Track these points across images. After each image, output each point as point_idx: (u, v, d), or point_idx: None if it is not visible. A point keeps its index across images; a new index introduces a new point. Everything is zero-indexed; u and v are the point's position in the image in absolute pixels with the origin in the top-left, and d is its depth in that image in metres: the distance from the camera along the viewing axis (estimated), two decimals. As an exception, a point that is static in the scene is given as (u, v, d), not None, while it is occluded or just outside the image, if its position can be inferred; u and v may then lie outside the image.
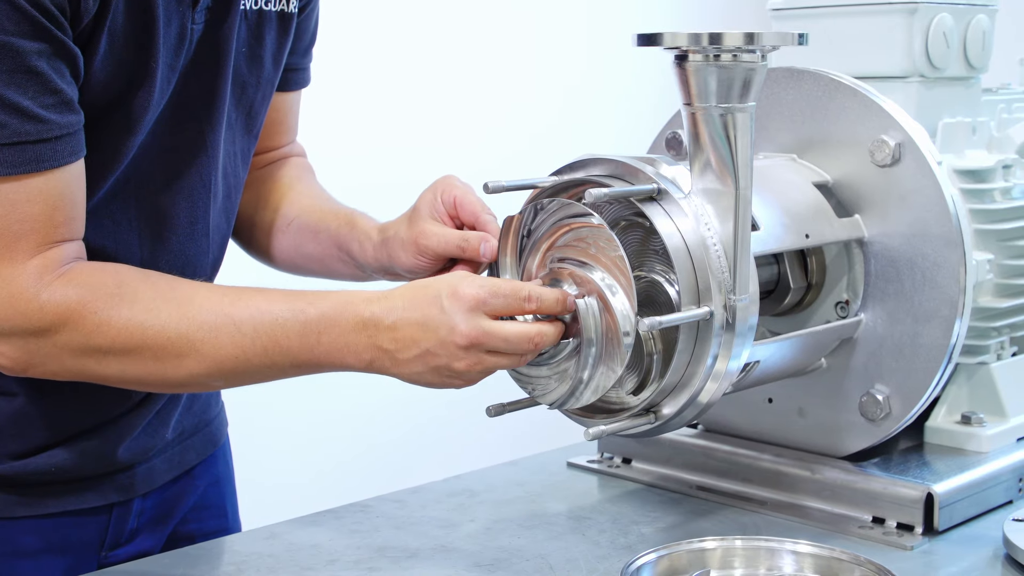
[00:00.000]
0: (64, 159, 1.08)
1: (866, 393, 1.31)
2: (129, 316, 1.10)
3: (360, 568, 1.18)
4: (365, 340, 1.10)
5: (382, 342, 1.10)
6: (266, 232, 1.41)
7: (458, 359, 1.09)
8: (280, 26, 1.28)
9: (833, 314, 1.33)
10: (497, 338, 1.08)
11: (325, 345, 1.11)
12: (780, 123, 1.36)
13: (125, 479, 1.29)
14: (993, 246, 1.38)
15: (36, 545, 1.24)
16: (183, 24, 1.16)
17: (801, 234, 1.27)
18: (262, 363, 1.12)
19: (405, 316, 1.09)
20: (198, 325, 1.11)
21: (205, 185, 1.23)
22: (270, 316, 1.11)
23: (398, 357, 1.10)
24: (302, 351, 1.11)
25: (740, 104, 1.12)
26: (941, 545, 1.24)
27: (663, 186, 1.14)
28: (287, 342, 1.11)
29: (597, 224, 1.11)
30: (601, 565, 1.18)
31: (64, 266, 1.10)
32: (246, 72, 1.26)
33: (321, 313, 1.11)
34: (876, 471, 1.31)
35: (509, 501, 1.36)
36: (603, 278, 1.11)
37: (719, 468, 1.39)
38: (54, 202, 1.09)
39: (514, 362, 1.11)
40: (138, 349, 1.11)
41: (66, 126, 1.08)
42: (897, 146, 1.29)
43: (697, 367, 1.14)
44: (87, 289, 1.10)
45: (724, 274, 1.13)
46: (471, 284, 1.09)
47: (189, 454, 1.37)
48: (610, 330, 1.10)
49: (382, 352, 1.10)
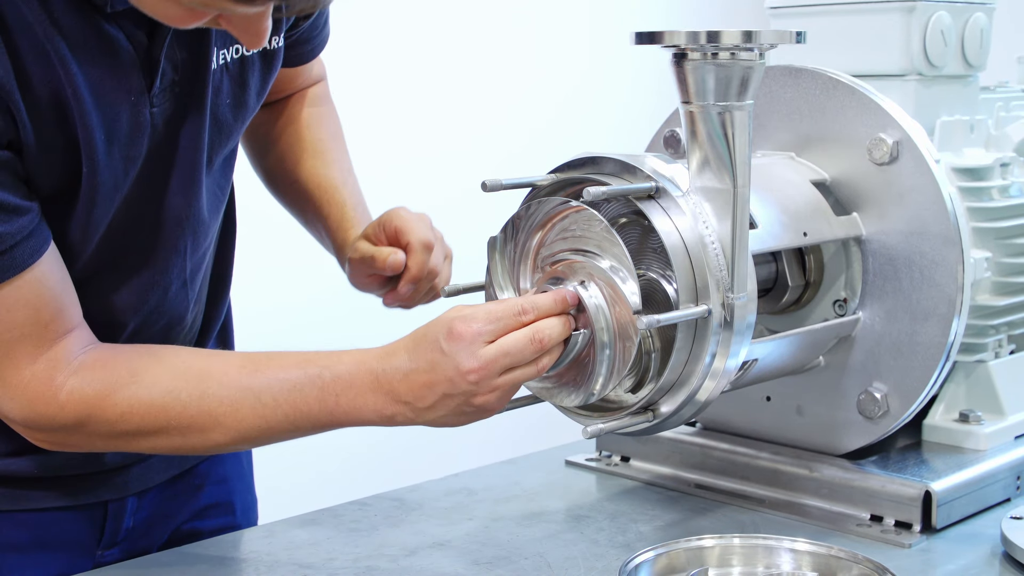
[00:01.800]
0: (25, 262, 1.07)
1: (864, 391, 1.31)
2: (149, 402, 1.12)
3: (358, 566, 1.18)
4: (383, 398, 1.11)
5: (400, 396, 1.11)
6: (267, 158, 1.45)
7: (474, 394, 1.09)
8: (264, 65, 1.25)
9: (831, 312, 1.34)
10: (502, 356, 1.08)
11: (344, 407, 1.12)
12: (778, 121, 1.36)
13: (118, 478, 1.29)
14: (991, 244, 1.38)
15: (25, 539, 1.24)
16: (137, 115, 1.12)
17: (799, 232, 1.27)
18: (285, 428, 1.14)
19: (413, 367, 1.10)
20: (218, 401, 1.12)
21: (180, 254, 1.23)
22: (288, 384, 1.12)
23: (418, 407, 1.11)
24: (322, 414, 1.13)
25: (738, 102, 1.12)
26: (939, 543, 1.24)
27: (661, 184, 1.14)
28: (307, 408, 1.12)
29: (577, 207, 1.12)
30: (599, 563, 1.18)
31: (73, 361, 1.11)
32: (231, 120, 1.24)
33: (336, 376, 1.12)
34: (874, 469, 1.31)
35: (507, 499, 1.36)
36: (596, 260, 1.11)
37: (717, 466, 1.39)
38: (34, 304, 1.09)
39: (531, 372, 1.10)
40: (164, 430, 1.13)
41: (17, 232, 1.06)
42: (895, 144, 1.29)
43: (695, 365, 1.14)
44: (101, 383, 1.12)
45: (722, 272, 1.13)
46: (465, 321, 1.09)
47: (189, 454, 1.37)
48: (617, 305, 1.10)
49: (402, 405, 1.11)
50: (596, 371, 1.12)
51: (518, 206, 1.18)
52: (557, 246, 1.14)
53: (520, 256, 1.17)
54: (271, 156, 1.46)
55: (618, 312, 1.10)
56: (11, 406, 1.12)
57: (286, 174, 1.44)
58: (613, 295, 1.10)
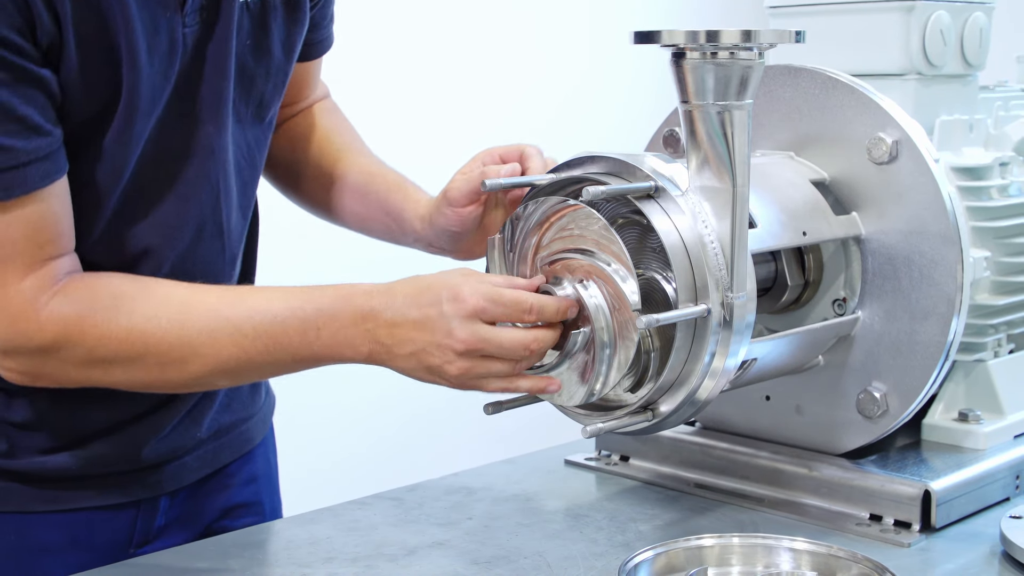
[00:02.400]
0: (36, 184, 1.08)
1: (863, 390, 1.31)
2: (129, 326, 1.11)
3: (358, 565, 1.18)
4: (363, 333, 1.11)
5: (380, 336, 1.10)
6: (302, 180, 1.44)
7: (452, 363, 1.09)
8: (287, 12, 1.27)
9: (830, 311, 1.34)
10: (492, 345, 1.09)
11: (324, 339, 1.11)
12: (777, 120, 1.36)
13: (152, 477, 1.29)
14: (990, 243, 1.38)
15: (59, 541, 1.24)
16: (172, 32, 1.15)
17: (798, 232, 1.27)
18: (264, 361, 1.13)
19: (404, 313, 1.10)
20: (198, 330, 1.12)
21: (213, 187, 1.23)
22: (269, 315, 1.12)
23: (394, 352, 1.11)
24: (302, 347, 1.12)
25: (737, 102, 1.12)
26: (938, 542, 1.24)
27: (660, 184, 1.14)
28: (287, 339, 1.12)
29: (575, 206, 1.12)
30: (599, 563, 1.18)
31: (56, 284, 1.11)
32: (252, 65, 1.24)
33: (318, 309, 1.12)
34: (873, 468, 1.31)
35: (506, 499, 1.36)
36: (595, 259, 1.11)
37: (717, 465, 1.39)
38: (35, 224, 1.09)
39: (508, 369, 1.10)
40: (141, 357, 1.12)
41: (33, 151, 1.07)
42: (894, 143, 1.29)
43: (694, 364, 1.14)
44: (83, 304, 1.11)
45: (721, 271, 1.13)
46: (473, 290, 1.09)
47: (223, 452, 1.37)
48: (617, 304, 1.10)
49: (379, 345, 1.11)
50: (597, 370, 1.12)
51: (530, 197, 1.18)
52: (556, 245, 1.14)
53: (519, 256, 1.17)
54: (305, 172, 1.45)
55: (618, 311, 1.10)
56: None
57: (323, 179, 1.44)
58: (613, 294, 1.10)
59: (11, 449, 1.22)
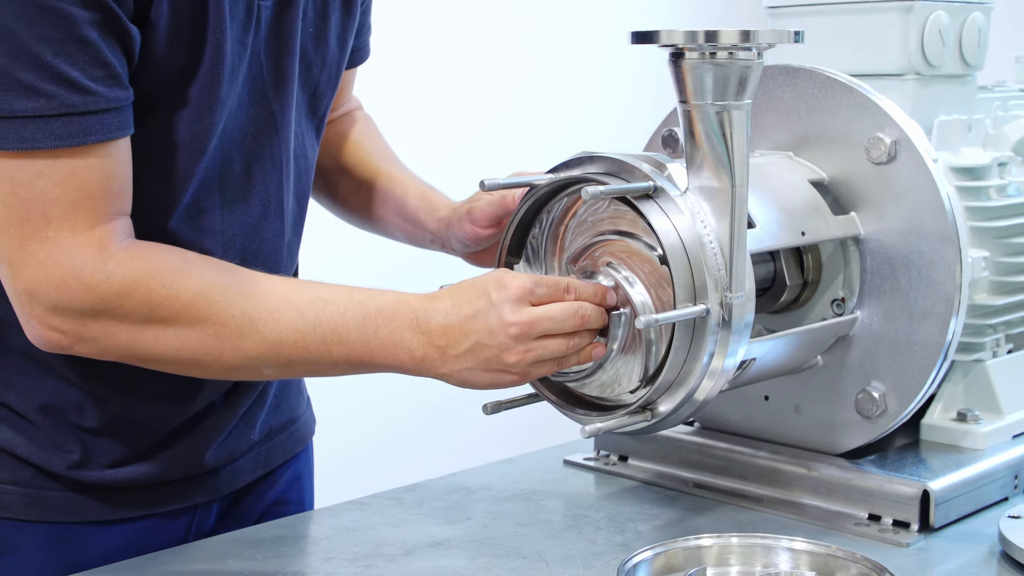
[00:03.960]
0: (111, 133, 1.08)
1: (862, 390, 1.32)
2: (197, 289, 1.10)
3: (357, 565, 1.18)
4: (419, 337, 1.12)
5: (435, 339, 1.11)
6: (333, 185, 1.47)
7: (508, 349, 1.10)
8: (344, 6, 1.29)
9: (829, 311, 1.34)
10: (545, 319, 1.10)
11: (382, 338, 1.12)
12: (776, 120, 1.36)
13: (209, 481, 1.30)
14: (989, 243, 1.38)
15: (120, 548, 1.24)
16: (250, 2, 1.17)
17: (797, 231, 1.27)
18: (318, 352, 1.12)
19: (456, 311, 1.11)
20: (262, 308, 1.12)
21: (277, 165, 1.24)
22: (332, 306, 1.13)
23: (449, 353, 1.11)
24: (359, 343, 1.12)
25: (736, 102, 1.12)
26: (937, 542, 1.24)
27: (659, 184, 1.14)
28: (346, 332, 1.12)
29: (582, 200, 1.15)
30: (597, 562, 1.18)
31: (124, 241, 1.10)
32: (312, 52, 1.26)
33: (380, 307, 1.13)
34: (872, 468, 1.31)
35: (506, 499, 1.36)
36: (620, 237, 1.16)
37: (715, 465, 1.39)
38: (108, 173, 1.09)
39: (563, 346, 1.11)
40: (201, 323, 1.11)
41: (114, 100, 1.08)
42: (893, 144, 1.29)
43: (693, 364, 1.14)
44: (153, 263, 1.11)
45: (720, 271, 1.13)
46: (515, 276, 1.11)
47: (276, 453, 1.38)
48: (653, 276, 1.15)
49: (434, 349, 1.12)
50: (647, 347, 1.14)
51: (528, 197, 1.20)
52: (579, 241, 1.18)
53: (546, 268, 1.22)
54: (334, 176, 1.47)
55: (656, 286, 1.14)
56: (44, 275, 1.08)
57: (353, 184, 1.46)
58: (647, 270, 1.14)
59: (84, 459, 1.22)
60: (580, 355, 1.14)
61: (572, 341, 1.12)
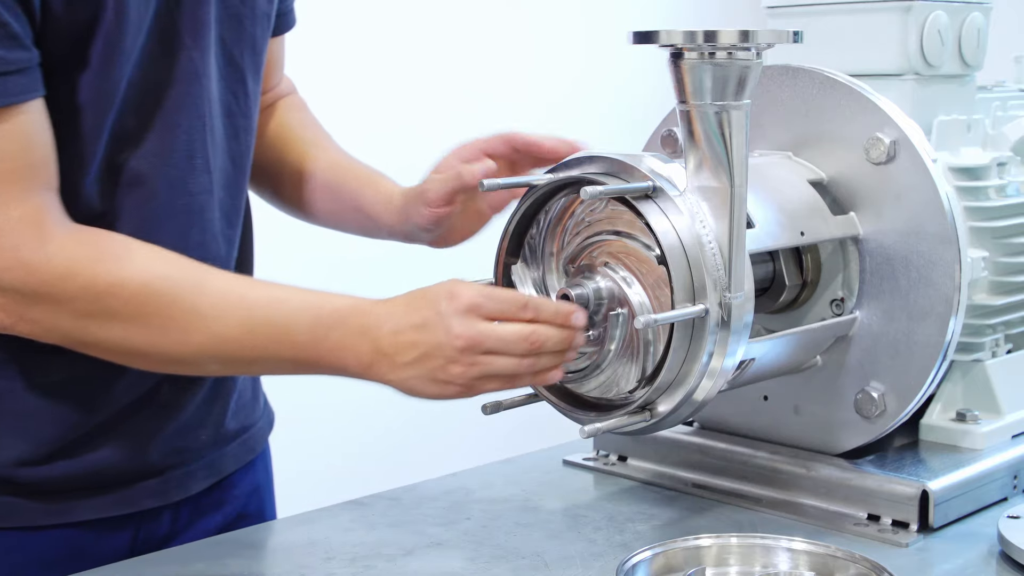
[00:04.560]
0: (16, 96, 1.04)
1: (861, 390, 1.31)
2: (143, 282, 1.08)
3: (356, 566, 1.18)
4: (368, 343, 1.10)
5: (383, 346, 1.10)
6: (271, 179, 1.41)
7: (454, 361, 1.08)
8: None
9: (828, 312, 1.34)
10: (492, 337, 1.08)
11: (332, 342, 1.10)
12: (775, 120, 1.36)
13: (159, 484, 1.26)
14: (988, 243, 1.38)
15: (63, 554, 1.20)
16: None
17: (796, 231, 1.27)
18: (265, 351, 1.11)
19: (405, 320, 1.10)
20: (211, 302, 1.10)
21: (200, 116, 1.19)
22: (283, 306, 1.11)
23: (396, 361, 1.10)
24: (308, 345, 1.11)
25: (735, 102, 1.12)
26: (936, 542, 1.24)
27: (658, 184, 1.14)
28: (296, 333, 1.11)
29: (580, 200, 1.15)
30: (597, 562, 1.18)
31: (61, 221, 1.07)
32: (238, 2, 1.21)
33: (332, 310, 1.11)
34: (871, 468, 1.31)
35: (505, 499, 1.36)
36: (617, 237, 1.15)
37: (715, 466, 1.39)
38: (28, 139, 1.06)
39: (512, 366, 1.09)
40: (147, 317, 1.08)
41: (14, 62, 1.04)
42: (892, 144, 1.29)
43: (692, 364, 1.14)
44: (96, 248, 1.08)
45: (719, 272, 1.13)
46: (469, 287, 1.09)
47: (228, 461, 1.35)
48: (650, 276, 1.14)
49: (382, 356, 1.10)
50: (645, 347, 1.14)
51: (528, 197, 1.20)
52: (576, 241, 1.18)
53: (545, 269, 1.21)
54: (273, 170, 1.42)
55: (653, 285, 1.13)
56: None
57: (292, 176, 1.41)
58: (644, 270, 1.13)
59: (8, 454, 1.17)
60: (535, 377, 1.11)
61: (525, 361, 1.09)
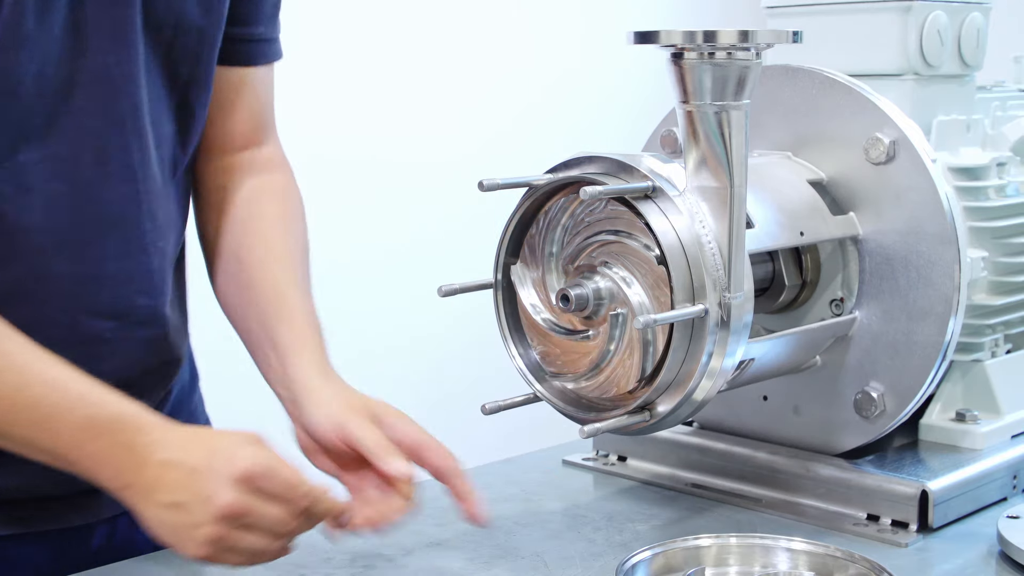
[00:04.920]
0: None
1: (861, 391, 1.31)
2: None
3: (355, 566, 1.18)
4: (132, 463, 1.00)
5: (146, 475, 0.99)
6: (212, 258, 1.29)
7: (205, 525, 0.98)
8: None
9: (828, 312, 1.34)
10: (255, 515, 0.98)
11: (95, 448, 1.00)
12: (775, 121, 1.36)
13: (85, 503, 1.21)
14: (988, 243, 1.38)
15: None
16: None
17: (796, 231, 1.27)
18: (24, 433, 1.01)
19: (179, 455, 0.99)
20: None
21: (119, 123, 1.13)
22: (61, 395, 1.01)
23: (152, 497, 0.99)
24: (71, 446, 1.01)
25: (735, 102, 1.12)
26: (936, 542, 1.24)
27: (658, 184, 1.14)
28: (62, 427, 1.00)
29: (579, 200, 1.14)
30: (596, 562, 1.18)
31: None
32: (162, 10, 1.15)
33: (110, 416, 1.01)
34: (871, 468, 1.31)
35: (504, 499, 1.36)
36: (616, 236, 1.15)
37: (714, 466, 1.39)
38: None
39: (261, 544, 0.99)
40: None
41: None
42: (891, 144, 1.29)
43: (692, 365, 1.14)
44: None
45: (719, 272, 1.13)
46: (253, 455, 0.99)
47: None
48: (650, 276, 1.14)
49: (140, 484, 1.00)
50: (644, 346, 1.14)
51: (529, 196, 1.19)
52: (575, 241, 1.18)
53: (544, 269, 1.21)
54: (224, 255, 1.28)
55: (652, 286, 1.13)
56: None
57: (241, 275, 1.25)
58: (645, 269, 1.13)
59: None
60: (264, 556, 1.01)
61: (276, 543, 1.00)
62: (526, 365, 1.23)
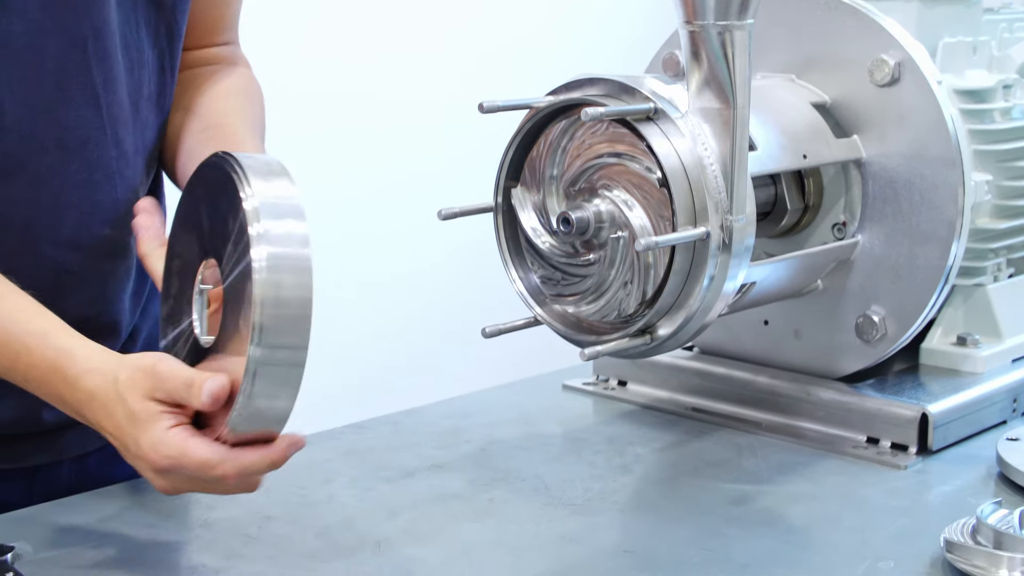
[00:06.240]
0: None
1: (862, 315, 1.31)
2: None
3: (356, 487, 1.19)
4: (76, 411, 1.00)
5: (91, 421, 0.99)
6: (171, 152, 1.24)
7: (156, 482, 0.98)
8: None
9: (830, 236, 1.33)
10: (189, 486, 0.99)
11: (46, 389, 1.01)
12: (778, 43, 1.35)
13: (51, 441, 1.21)
14: (992, 167, 1.37)
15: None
16: None
17: (799, 155, 1.26)
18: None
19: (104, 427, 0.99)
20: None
21: (77, 44, 1.10)
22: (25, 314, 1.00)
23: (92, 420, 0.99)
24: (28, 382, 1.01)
25: (738, 21, 1.10)
26: (935, 464, 1.25)
27: (660, 106, 1.13)
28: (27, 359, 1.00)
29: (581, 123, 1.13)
30: (596, 485, 1.19)
31: None
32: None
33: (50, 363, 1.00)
34: (871, 392, 1.31)
35: (504, 423, 1.36)
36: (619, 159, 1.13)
37: (714, 390, 1.39)
38: None
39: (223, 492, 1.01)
40: None
41: None
42: (896, 65, 1.27)
43: (693, 288, 1.14)
44: None
45: (721, 194, 1.12)
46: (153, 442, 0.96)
47: None
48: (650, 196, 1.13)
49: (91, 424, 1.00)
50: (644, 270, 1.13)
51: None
52: (575, 165, 1.16)
53: (545, 193, 1.19)
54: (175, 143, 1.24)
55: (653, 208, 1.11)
56: None
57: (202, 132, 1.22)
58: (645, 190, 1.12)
59: None
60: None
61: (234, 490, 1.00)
62: (527, 289, 1.22)
